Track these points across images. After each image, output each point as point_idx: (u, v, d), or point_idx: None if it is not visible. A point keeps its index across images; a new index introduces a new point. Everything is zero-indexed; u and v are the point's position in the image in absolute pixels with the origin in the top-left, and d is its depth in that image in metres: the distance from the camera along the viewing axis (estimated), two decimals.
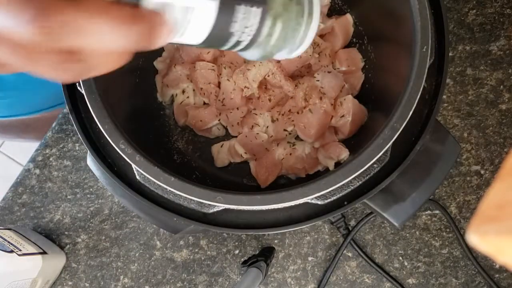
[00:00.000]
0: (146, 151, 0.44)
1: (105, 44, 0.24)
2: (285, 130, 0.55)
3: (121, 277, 0.63)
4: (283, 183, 0.57)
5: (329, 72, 0.55)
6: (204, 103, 0.59)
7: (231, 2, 0.27)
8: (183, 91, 0.59)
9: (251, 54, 0.31)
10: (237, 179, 0.58)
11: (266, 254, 0.58)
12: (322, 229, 0.62)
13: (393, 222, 0.46)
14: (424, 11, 0.43)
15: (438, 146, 0.47)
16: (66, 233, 0.64)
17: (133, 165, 0.43)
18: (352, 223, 0.62)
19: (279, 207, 0.42)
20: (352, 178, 0.41)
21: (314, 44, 0.57)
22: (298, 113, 0.55)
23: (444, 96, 0.63)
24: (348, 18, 0.58)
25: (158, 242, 0.63)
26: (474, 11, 0.65)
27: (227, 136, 0.60)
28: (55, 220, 0.64)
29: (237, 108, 0.56)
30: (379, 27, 0.55)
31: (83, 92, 0.44)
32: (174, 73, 0.58)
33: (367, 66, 0.57)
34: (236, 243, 0.62)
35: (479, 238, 0.17)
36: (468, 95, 0.63)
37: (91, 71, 0.25)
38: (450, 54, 0.64)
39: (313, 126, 0.54)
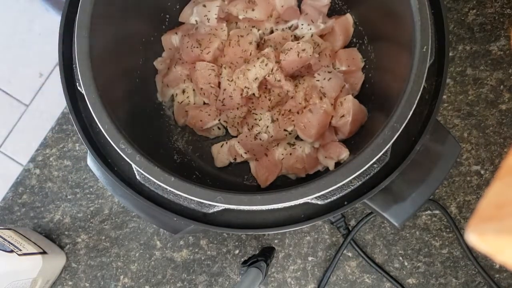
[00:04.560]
0: (146, 151, 0.44)
1: None
2: (285, 130, 0.55)
3: (121, 277, 0.63)
4: (283, 183, 0.57)
5: (329, 72, 0.55)
6: (204, 103, 0.59)
7: None
8: (183, 91, 0.59)
9: None
10: (237, 179, 0.58)
11: (266, 254, 0.58)
12: (322, 229, 0.62)
13: (393, 222, 0.46)
14: (424, 11, 0.43)
15: (438, 146, 0.47)
16: (66, 233, 0.64)
17: (133, 165, 0.43)
18: (352, 223, 0.62)
19: (279, 207, 0.42)
20: (352, 178, 0.41)
21: (314, 44, 0.57)
22: (298, 113, 0.55)
23: (444, 96, 0.63)
24: (348, 18, 0.58)
25: (158, 242, 0.63)
26: (474, 11, 0.65)
27: (227, 136, 0.60)
28: (55, 220, 0.64)
29: (237, 108, 0.56)
30: (379, 27, 0.55)
31: (83, 92, 0.44)
32: (174, 73, 0.58)
33: (367, 66, 0.57)
34: (236, 243, 0.62)
35: (478, 237, 0.17)
36: (468, 95, 0.63)
37: None
38: (450, 54, 0.64)
39: (313, 126, 0.54)
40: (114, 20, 0.50)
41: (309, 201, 0.42)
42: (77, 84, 0.45)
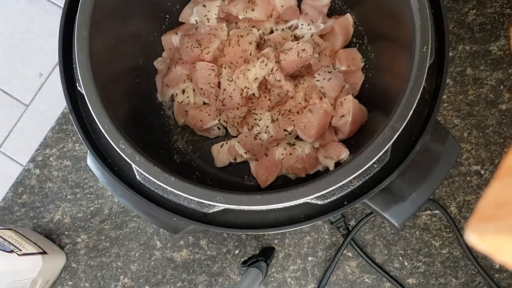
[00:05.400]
0: (146, 151, 0.44)
1: None
2: (285, 130, 0.55)
3: (121, 277, 0.63)
4: (283, 183, 0.57)
5: (329, 72, 0.55)
6: (204, 103, 0.59)
7: None
8: (183, 91, 0.59)
9: None
10: (237, 179, 0.58)
11: (266, 254, 0.58)
12: (322, 229, 0.62)
13: (393, 222, 0.46)
14: (424, 11, 0.43)
15: (438, 146, 0.47)
16: (66, 233, 0.64)
17: (133, 165, 0.43)
18: (352, 223, 0.62)
19: (279, 207, 0.42)
20: (352, 178, 0.41)
21: (314, 44, 0.57)
22: (298, 113, 0.55)
23: (444, 96, 0.63)
24: (348, 18, 0.58)
25: (158, 242, 0.63)
26: (474, 11, 0.65)
27: (227, 136, 0.60)
28: (55, 220, 0.64)
29: (237, 108, 0.56)
30: (379, 27, 0.55)
31: (83, 92, 0.44)
32: (174, 73, 0.58)
33: (367, 66, 0.57)
34: (236, 243, 0.62)
35: (478, 237, 0.17)
36: (468, 95, 0.63)
37: None
38: (450, 54, 0.64)
39: (313, 126, 0.54)
40: (114, 20, 0.50)
41: (309, 201, 0.42)
42: (77, 84, 0.45)
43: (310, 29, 0.58)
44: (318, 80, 0.55)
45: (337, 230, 0.62)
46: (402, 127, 0.41)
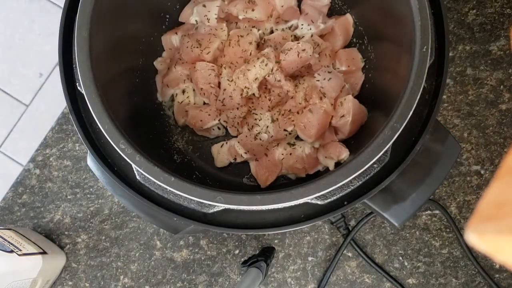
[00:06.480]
0: (146, 151, 0.44)
1: None
2: (285, 130, 0.55)
3: (121, 277, 0.63)
4: (283, 183, 0.57)
5: (329, 72, 0.55)
6: (204, 103, 0.59)
7: None
8: (183, 91, 0.59)
9: None
10: (237, 179, 0.58)
11: (266, 254, 0.58)
12: (322, 229, 0.62)
13: (393, 222, 0.46)
14: (424, 11, 0.43)
15: (438, 146, 0.47)
16: (66, 233, 0.64)
17: (133, 165, 0.43)
18: (352, 223, 0.62)
19: (279, 207, 0.42)
20: (352, 178, 0.41)
21: (314, 44, 0.57)
22: (298, 113, 0.55)
23: (444, 96, 0.63)
24: (348, 18, 0.58)
25: (158, 242, 0.63)
26: (474, 11, 0.65)
27: (227, 136, 0.60)
28: (55, 220, 0.64)
29: (237, 108, 0.56)
30: (379, 27, 0.55)
31: (83, 92, 0.44)
32: (174, 73, 0.58)
33: (367, 66, 0.57)
34: (236, 243, 0.62)
35: (478, 237, 0.17)
36: (468, 95, 0.63)
37: None
38: (450, 54, 0.64)
39: (313, 126, 0.54)
40: (114, 20, 0.50)
41: (309, 201, 0.42)
42: (77, 84, 0.45)
43: (310, 29, 0.58)
44: (318, 80, 0.55)
45: (337, 230, 0.62)
46: (402, 127, 0.41)
